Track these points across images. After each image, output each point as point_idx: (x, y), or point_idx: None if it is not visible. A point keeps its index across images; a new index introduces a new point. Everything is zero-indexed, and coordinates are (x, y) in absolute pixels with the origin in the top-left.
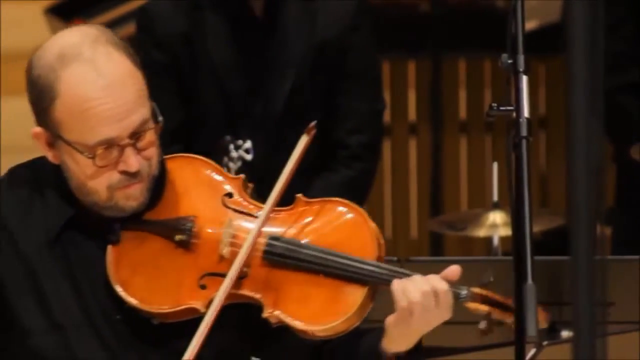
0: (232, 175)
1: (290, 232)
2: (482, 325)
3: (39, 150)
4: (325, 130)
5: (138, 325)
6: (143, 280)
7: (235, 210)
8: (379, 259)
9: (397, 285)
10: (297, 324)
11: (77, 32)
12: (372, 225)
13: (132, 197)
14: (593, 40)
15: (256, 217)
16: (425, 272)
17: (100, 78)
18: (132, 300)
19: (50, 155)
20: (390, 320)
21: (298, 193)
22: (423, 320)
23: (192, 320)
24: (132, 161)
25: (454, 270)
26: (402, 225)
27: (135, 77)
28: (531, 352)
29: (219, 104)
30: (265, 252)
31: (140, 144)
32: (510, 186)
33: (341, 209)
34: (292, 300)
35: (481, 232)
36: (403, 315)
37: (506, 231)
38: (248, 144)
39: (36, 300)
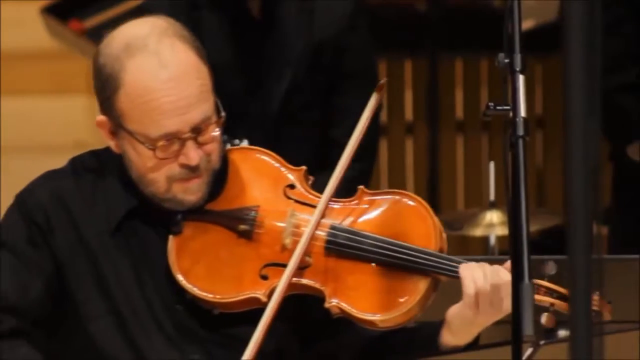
0: (293, 167)
1: (353, 223)
2: (544, 318)
3: (39, 150)
4: (321, 130)
5: (199, 315)
6: (204, 270)
7: (297, 201)
8: (441, 250)
9: (465, 272)
10: (359, 314)
11: (145, 23)
12: (435, 218)
13: (190, 191)
14: (590, 39)
15: (316, 206)
16: None
17: (164, 70)
18: (194, 290)
19: (112, 144)
20: (453, 310)
21: None
22: (487, 311)
23: (252, 310)
24: (193, 154)
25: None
26: None
27: (200, 71)
28: (528, 351)
29: None
30: (328, 242)
31: (202, 138)
32: (507, 185)
33: (404, 200)
34: (354, 291)
35: (478, 232)
36: (469, 303)
37: (503, 230)
38: (245, 143)
39: (97, 286)
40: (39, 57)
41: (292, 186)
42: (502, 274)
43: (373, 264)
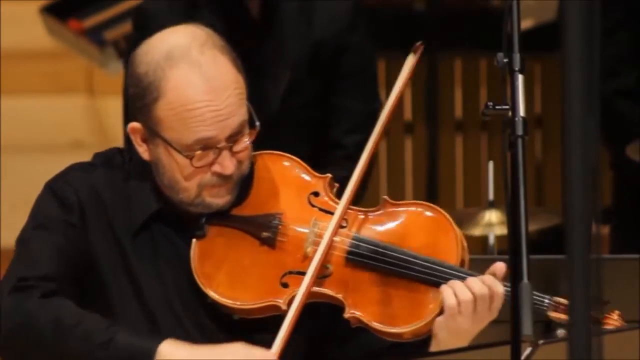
0: (318, 174)
1: (375, 234)
2: (561, 333)
3: (37, 149)
4: (321, 131)
5: (219, 320)
6: (226, 275)
7: (321, 210)
8: (462, 263)
9: (445, 286)
10: (377, 326)
11: (186, 32)
12: (457, 229)
13: (219, 195)
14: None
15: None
16: None
17: (206, 82)
18: (214, 295)
19: (142, 150)
20: (439, 322)
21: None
22: (471, 322)
23: (272, 317)
24: (228, 164)
25: (500, 267)
26: None
27: (238, 82)
28: (527, 351)
29: None
30: (349, 252)
31: (236, 147)
32: (506, 185)
33: (427, 212)
34: (374, 302)
35: (477, 231)
36: (452, 313)
37: (502, 230)
38: None
39: (129, 281)
40: (38, 56)
41: (316, 194)
42: (492, 284)
43: (394, 276)
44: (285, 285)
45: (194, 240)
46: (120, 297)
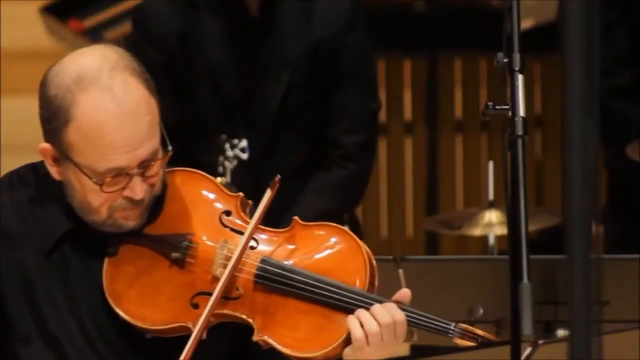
0: (231, 193)
1: (284, 256)
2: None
3: (38, 150)
4: (320, 130)
5: (131, 339)
6: (137, 295)
7: (232, 229)
8: (371, 285)
9: (352, 317)
10: (286, 350)
11: (96, 54)
12: (366, 252)
13: (131, 218)
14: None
15: (253, 237)
16: (421, 271)
17: (117, 106)
18: (125, 315)
19: (54, 171)
20: (346, 352)
21: (294, 193)
22: (379, 350)
23: (186, 336)
24: (138, 189)
25: (405, 294)
26: (398, 225)
27: (150, 106)
28: (527, 351)
29: (214, 103)
30: (257, 275)
31: (148, 173)
32: (506, 185)
33: (336, 235)
34: (282, 326)
35: (477, 231)
36: (359, 345)
37: (502, 230)
38: (244, 143)
39: (31, 308)
40: (39, 56)
41: (228, 213)
42: (394, 313)
43: (301, 300)
44: (196, 306)
45: (106, 258)
46: (21, 324)
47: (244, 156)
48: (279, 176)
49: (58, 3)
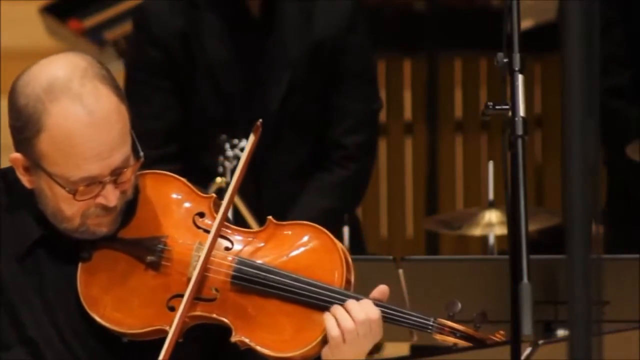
0: (204, 195)
1: (259, 256)
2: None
3: None
4: (320, 130)
5: (108, 343)
6: (112, 300)
7: (206, 231)
8: (347, 283)
9: (328, 315)
10: (264, 351)
11: (66, 63)
12: (341, 250)
13: (104, 224)
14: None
15: (226, 238)
16: (421, 271)
17: (88, 116)
18: (100, 320)
19: (25, 180)
20: (324, 352)
21: (294, 193)
22: (356, 347)
23: (163, 339)
24: (112, 197)
25: (382, 291)
26: (398, 224)
27: (121, 113)
28: (527, 351)
29: (215, 103)
30: (233, 276)
31: (120, 179)
32: (506, 185)
33: (311, 233)
34: (260, 326)
35: (477, 231)
36: (336, 343)
37: (502, 230)
38: (244, 143)
39: (9, 313)
40: (38, 56)
41: (201, 214)
42: (369, 309)
43: (278, 300)
44: (172, 309)
45: (80, 263)
46: (0, 332)
47: None
48: (261, 120)
49: (58, 3)
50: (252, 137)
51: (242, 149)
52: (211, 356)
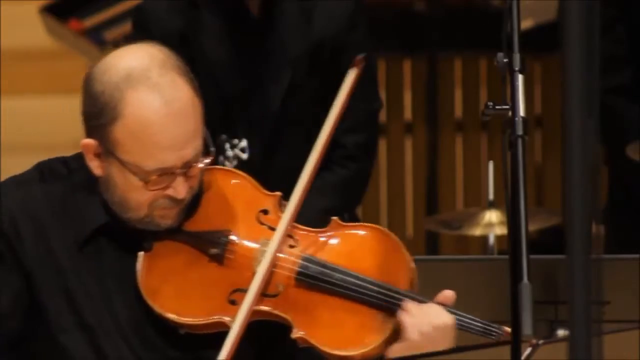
0: (268, 192)
1: (325, 255)
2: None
3: (38, 150)
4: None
5: (165, 334)
6: (173, 290)
7: (270, 228)
8: (411, 285)
9: (406, 317)
10: (324, 348)
11: (143, 53)
12: (406, 252)
13: (169, 217)
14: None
15: (291, 235)
16: (421, 271)
17: (165, 106)
18: (159, 310)
19: (94, 166)
20: (394, 350)
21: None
22: (430, 347)
23: (219, 333)
24: (182, 189)
25: (448, 296)
26: (398, 224)
27: (196, 106)
28: (527, 351)
29: (215, 103)
30: (299, 273)
31: (191, 172)
32: (506, 185)
33: (377, 234)
34: (322, 324)
35: (477, 231)
36: (413, 346)
37: (502, 230)
38: (244, 143)
39: (67, 298)
40: (38, 56)
41: (265, 211)
42: (445, 318)
43: (342, 299)
44: (233, 303)
45: (141, 253)
46: (58, 316)
47: (244, 156)
48: (364, 54)
49: (58, 3)
50: (354, 71)
51: (242, 149)
52: (262, 356)
